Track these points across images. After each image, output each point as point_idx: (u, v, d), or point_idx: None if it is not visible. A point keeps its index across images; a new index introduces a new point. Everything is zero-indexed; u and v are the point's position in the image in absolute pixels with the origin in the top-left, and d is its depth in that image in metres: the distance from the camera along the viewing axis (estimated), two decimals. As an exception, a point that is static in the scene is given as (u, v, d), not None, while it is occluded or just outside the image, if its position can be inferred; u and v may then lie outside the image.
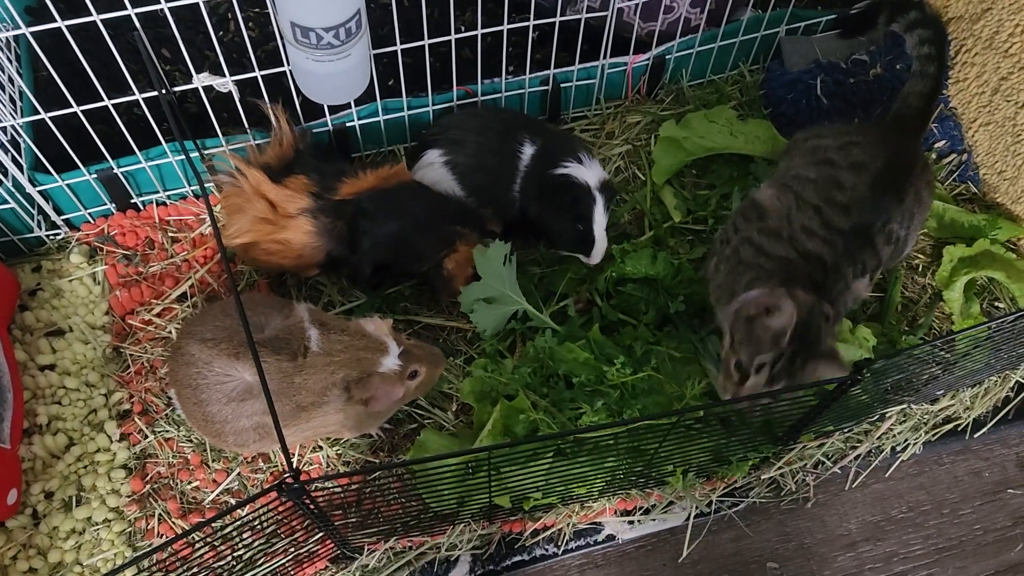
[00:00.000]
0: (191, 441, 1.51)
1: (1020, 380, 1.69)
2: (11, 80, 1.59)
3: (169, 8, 1.30)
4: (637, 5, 1.74)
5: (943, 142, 1.85)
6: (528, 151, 1.58)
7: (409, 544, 1.46)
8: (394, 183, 1.54)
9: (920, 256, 1.76)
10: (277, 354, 1.29)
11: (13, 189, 1.54)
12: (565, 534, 1.51)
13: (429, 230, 1.52)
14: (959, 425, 1.65)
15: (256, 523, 1.10)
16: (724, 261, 1.49)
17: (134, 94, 1.44)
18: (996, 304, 1.73)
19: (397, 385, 1.34)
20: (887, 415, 1.60)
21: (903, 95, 1.67)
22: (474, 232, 1.52)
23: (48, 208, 1.60)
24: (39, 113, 1.43)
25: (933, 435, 1.63)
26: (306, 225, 1.48)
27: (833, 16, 1.88)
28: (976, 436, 1.65)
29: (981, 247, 1.71)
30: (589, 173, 1.54)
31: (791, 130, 1.78)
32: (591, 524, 1.53)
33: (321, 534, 1.28)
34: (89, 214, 1.66)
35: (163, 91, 1.32)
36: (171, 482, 1.48)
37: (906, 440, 1.62)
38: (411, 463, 1.01)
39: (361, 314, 1.61)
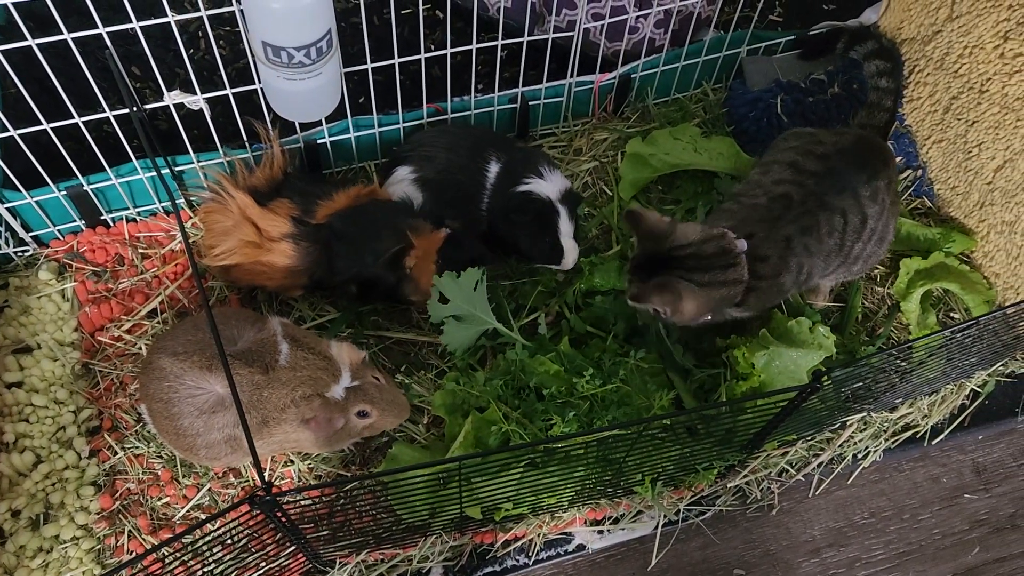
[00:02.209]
0: (161, 457, 1.51)
1: (975, 388, 1.74)
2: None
3: (139, 27, 1.32)
4: (603, 25, 1.78)
5: (899, 158, 1.92)
6: (494, 169, 1.61)
7: (381, 557, 1.47)
8: (364, 201, 1.56)
9: (879, 267, 1.81)
10: (249, 366, 1.30)
11: (-19, 206, 1.53)
12: (536, 544, 1.53)
13: (380, 227, 1.52)
14: (917, 432, 1.70)
15: (227, 538, 1.11)
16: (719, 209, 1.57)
17: (104, 111, 1.45)
18: (951, 315, 1.79)
19: (337, 415, 1.33)
20: (848, 423, 1.64)
21: (860, 125, 1.73)
22: (427, 223, 1.52)
23: (16, 225, 1.60)
24: (8, 130, 1.43)
25: (893, 442, 1.68)
26: (288, 249, 1.50)
27: (792, 37, 1.95)
28: (934, 443, 1.70)
29: (936, 259, 1.77)
30: (550, 186, 1.58)
31: (753, 147, 1.84)
32: (561, 534, 1.55)
33: (293, 548, 1.29)
34: (58, 231, 1.65)
35: (134, 108, 1.33)
36: (141, 498, 1.48)
37: (867, 447, 1.66)
38: (383, 474, 1.02)
39: (335, 329, 1.62)
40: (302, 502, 1.16)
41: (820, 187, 1.47)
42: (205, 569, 1.14)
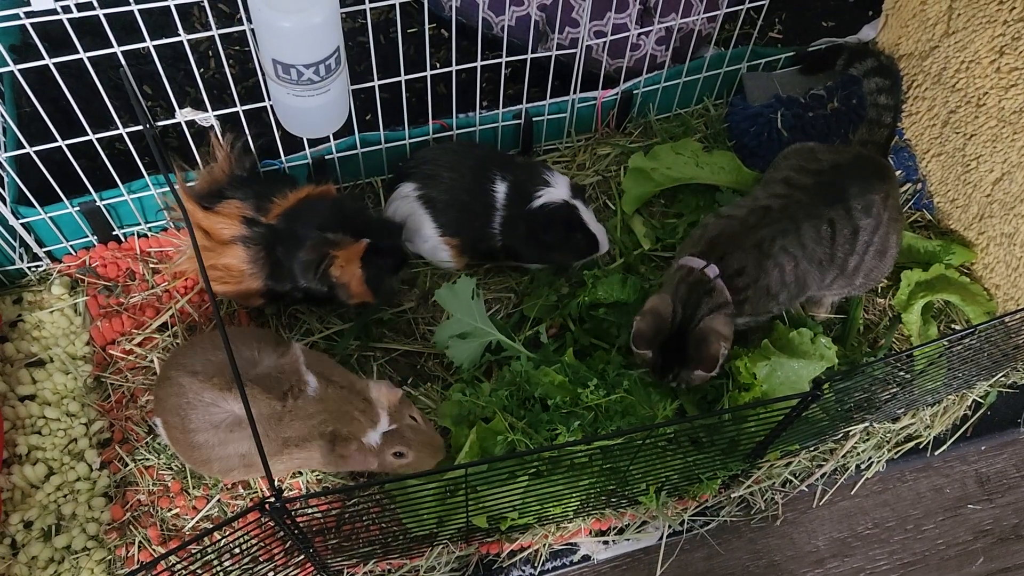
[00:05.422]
0: (171, 469, 1.52)
1: (977, 399, 1.75)
2: (-5, 116, 1.63)
3: (153, 46, 1.35)
4: (605, 43, 1.82)
5: (899, 172, 1.94)
6: (501, 188, 1.64)
7: (388, 567, 1.49)
8: (302, 199, 1.52)
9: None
10: (268, 393, 1.32)
11: (-4, 222, 1.57)
12: (541, 555, 1.54)
13: (302, 239, 1.48)
14: (920, 443, 1.71)
15: (236, 547, 1.12)
16: (698, 227, 1.63)
17: (118, 128, 1.48)
18: (952, 326, 1.81)
19: (371, 457, 1.35)
20: (850, 434, 1.65)
21: (861, 141, 1.76)
22: (347, 235, 1.48)
23: (30, 240, 1.63)
24: (23, 147, 1.46)
25: (896, 453, 1.69)
26: (239, 251, 1.49)
27: (791, 53, 1.98)
28: (936, 453, 1.71)
29: (937, 271, 1.78)
30: (559, 190, 1.62)
31: (754, 161, 1.86)
32: (567, 545, 1.56)
33: (301, 557, 1.30)
34: (71, 246, 1.68)
35: (148, 125, 1.36)
36: (151, 509, 1.49)
37: (870, 458, 1.67)
38: (391, 481, 1.04)
39: (345, 342, 1.64)
40: (311, 511, 1.18)
41: (808, 198, 1.51)
42: (215, 579, 1.16)
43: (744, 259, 1.49)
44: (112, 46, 1.32)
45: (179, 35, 1.34)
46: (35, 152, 1.46)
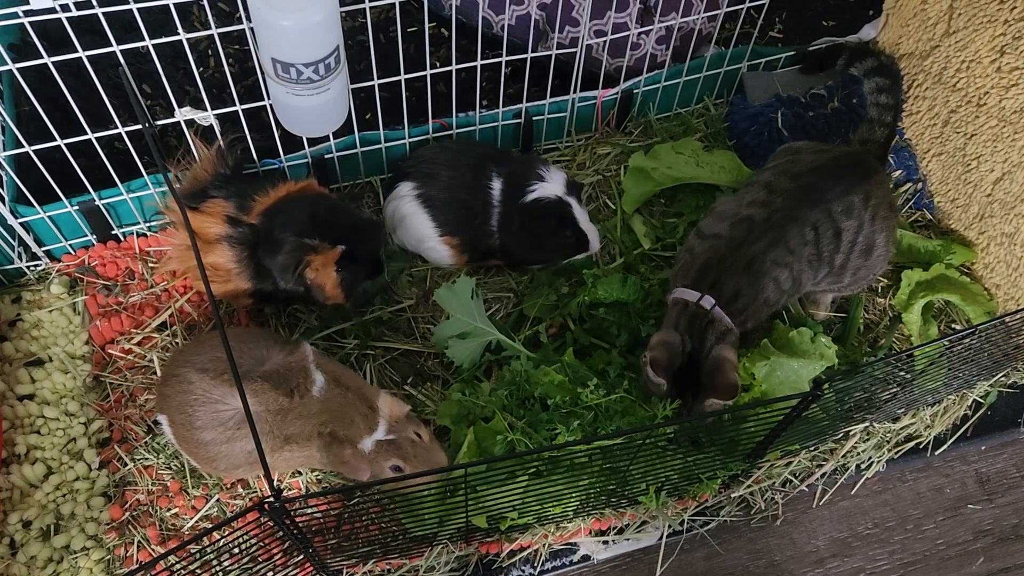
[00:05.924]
0: (170, 468, 1.52)
1: (977, 399, 1.75)
2: (-7, 114, 1.62)
3: (152, 45, 1.35)
4: (605, 42, 1.81)
5: (899, 172, 1.94)
6: (497, 185, 1.64)
7: (388, 567, 1.48)
8: (282, 197, 1.52)
9: (880, 279, 1.83)
10: (276, 388, 1.32)
11: (-6, 221, 1.57)
12: (541, 555, 1.54)
13: (279, 242, 1.47)
14: (920, 443, 1.70)
15: (235, 547, 1.12)
16: (684, 250, 1.62)
17: (116, 128, 1.48)
18: (953, 326, 1.80)
19: (364, 465, 1.34)
20: (851, 434, 1.65)
21: (861, 140, 1.75)
22: (325, 243, 1.47)
23: (29, 240, 1.62)
24: (22, 146, 1.46)
25: (896, 453, 1.69)
26: (225, 251, 1.49)
27: (792, 53, 1.97)
28: (937, 453, 1.71)
29: (937, 271, 1.78)
30: (553, 185, 1.63)
31: (755, 161, 1.86)
32: (567, 545, 1.56)
33: (300, 557, 1.30)
34: (70, 245, 1.68)
35: (147, 124, 1.36)
36: (150, 509, 1.49)
37: (870, 458, 1.67)
38: (391, 480, 1.04)
39: (348, 351, 1.64)
40: (310, 511, 1.18)
41: (789, 202, 1.51)
42: (214, 579, 1.16)
43: (738, 281, 1.48)
44: (111, 45, 1.32)
45: (178, 34, 1.34)
46: (34, 151, 1.46)
